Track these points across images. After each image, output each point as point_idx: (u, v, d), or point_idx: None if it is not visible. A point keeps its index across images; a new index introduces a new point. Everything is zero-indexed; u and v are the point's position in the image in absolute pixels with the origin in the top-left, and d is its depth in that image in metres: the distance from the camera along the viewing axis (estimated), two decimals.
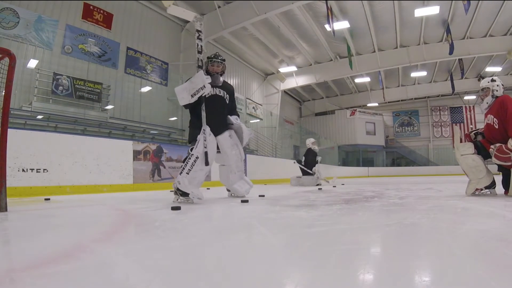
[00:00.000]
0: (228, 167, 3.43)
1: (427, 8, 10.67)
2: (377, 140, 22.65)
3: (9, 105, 2.38)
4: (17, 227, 1.76)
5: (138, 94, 9.76)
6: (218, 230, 1.63)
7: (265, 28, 12.45)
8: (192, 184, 2.88)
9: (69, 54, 8.08)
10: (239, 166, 3.45)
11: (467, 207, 2.38)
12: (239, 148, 3.42)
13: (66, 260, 1.00)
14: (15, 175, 3.78)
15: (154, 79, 10.44)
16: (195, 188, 2.90)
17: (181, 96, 2.99)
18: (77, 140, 4.76)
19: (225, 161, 3.40)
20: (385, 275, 0.84)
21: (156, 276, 0.84)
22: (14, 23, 6.99)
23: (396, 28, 12.66)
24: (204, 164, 2.98)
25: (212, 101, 3.16)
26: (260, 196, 3.56)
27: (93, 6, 8.70)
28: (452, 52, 12.54)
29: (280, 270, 0.92)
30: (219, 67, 3.29)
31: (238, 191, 3.46)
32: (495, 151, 2.94)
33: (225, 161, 3.40)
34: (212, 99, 3.17)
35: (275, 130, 16.04)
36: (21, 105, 7.01)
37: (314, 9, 11.33)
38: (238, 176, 3.47)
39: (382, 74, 17.01)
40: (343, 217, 1.95)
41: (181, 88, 3.03)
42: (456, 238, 1.33)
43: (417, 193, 3.80)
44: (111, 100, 8.89)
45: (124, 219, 2.01)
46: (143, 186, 5.37)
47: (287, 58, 15.39)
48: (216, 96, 3.25)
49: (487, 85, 3.19)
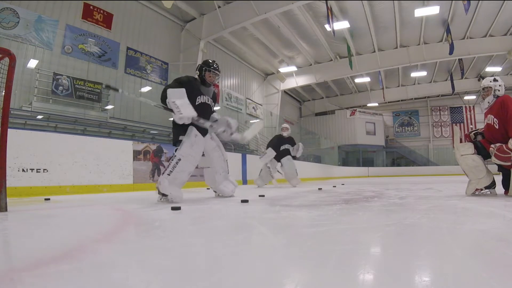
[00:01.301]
0: (212, 169, 3.48)
1: (427, 8, 10.68)
2: (377, 140, 22.65)
3: (9, 105, 2.38)
4: (17, 227, 1.76)
5: (138, 94, 9.76)
6: (218, 230, 1.63)
7: (265, 28, 12.45)
8: (172, 184, 2.94)
9: (69, 54, 8.08)
10: (223, 167, 3.51)
11: (467, 207, 2.38)
12: (221, 149, 3.50)
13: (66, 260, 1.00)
14: (15, 175, 3.78)
15: (154, 79, 10.45)
16: (175, 189, 2.96)
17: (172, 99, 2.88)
18: (77, 140, 4.76)
19: (209, 163, 3.46)
20: (385, 275, 0.84)
21: (156, 276, 0.84)
22: (14, 23, 6.99)
23: (396, 28, 12.66)
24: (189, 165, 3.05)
25: (201, 108, 3.18)
26: (260, 196, 3.56)
27: (93, 6, 8.71)
28: (452, 52, 12.55)
29: (280, 270, 0.92)
30: (214, 77, 3.31)
31: (224, 191, 3.52)
32: (495, 150, 2.94)
33: (209, 163, 3.46)
34: (201, 107, 3.20)
35: (275, 130, 16.04)
36: (21, 105, 7.02)
37: (314, 9, 11.33)
38: (223, 177, 3.53)
39: (382, 74, 17.01)
40: (343, 217, 1.95)
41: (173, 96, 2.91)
42: (456, 238, 1.33)
43: (417, 193, 3.80)
44: (111, 100, 8.90)
45: (124, 219, 2.01)
46: (143, 186, 5.37)
47: (287, 58, 15.40)
48: (205, 104, 3.30)
49: (489, 85, 3.19)
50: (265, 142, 14.39)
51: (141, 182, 5.39)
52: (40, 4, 7.48)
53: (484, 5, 11.12)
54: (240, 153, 9.08)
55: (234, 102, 14.78)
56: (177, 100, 2.86)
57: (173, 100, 2.85)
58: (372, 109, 22.56)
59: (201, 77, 3.26)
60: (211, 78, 3.27)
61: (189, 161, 3.07)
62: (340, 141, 21.69)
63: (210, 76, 3.26)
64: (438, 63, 15.96)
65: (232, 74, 14.78)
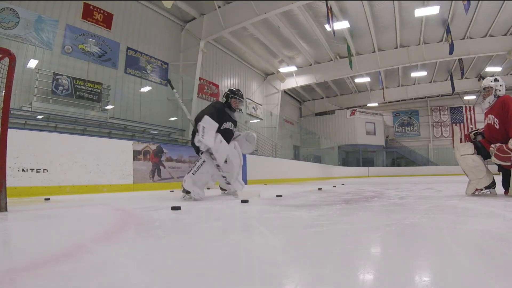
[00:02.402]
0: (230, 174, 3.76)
1: (427, 8, 10.67)
2: (377, 140, 22.65)
3: (9, 105, 2.38)
4: (17, 227, 1.76)
5: (138, 94, 9.76)
6: (218, 230, 1.63)
7: (265, 28, 12.45)
8: (196, 184, 3.30)
9: (69, 54, 8.08)
10: (239, 172, 3.86)
11: (467, 207, 2.38)
12: (241, 158, 3.85)
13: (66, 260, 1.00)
14: (15, 175, 3.78)
15: (154, 79, 10.44)
16: (198, 188, 3.31)
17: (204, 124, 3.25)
18: (77, 140, 4.75)
19: (230, 169, 3.74)
20: (385, 275, 0.84)
21: (156, 276, 0.84)
22: (14, 23, 6.99)
23: (396, 28, 12.66)
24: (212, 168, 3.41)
25: (224, 133, 3.58)
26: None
27: (93, 6, 8.70)
28: (452, 52, 12.54)
29: (280, 270, 0.92)
30: (239, 103, 3.76)
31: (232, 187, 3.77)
32: (495, 150, 2.94)
33: (230, 169, 3.74)
34: (224, 131, 3.59)
35: (275, 130, 16.05)
36: (21, 105, 7.01)
37: (314, 9, 11.33)
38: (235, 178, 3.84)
39: (382, 74, 17.00)
40: (343, 217, 1.95)
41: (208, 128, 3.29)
42: (456, 238, 1.33)
43: (417, 193, 3.80)
44: (111, 100, 8.89)
45: (124, 219, 2.01)
46: (143, 186, 5.37)
47: (287, 58, 15.39)
48: (228, 130, 3.68)
49: (490, 85, 3.18)
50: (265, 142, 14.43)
51: (141, 182, 5.39)
52: (40, 4, 7.47)
53: (484, 5, 11.11)
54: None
55: None
56: (207, 128, 3.28)
57: (204, 126, 3.26)
58: (372, 109, 22.55)
59: (228, 103, 3.70)
60: (236, 104, 3.73)
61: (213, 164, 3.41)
62: (340, 141, 21.68)
63: (236, 102, 3.72)
64: (438, 63, 15.95)
65: (232, 74, 14.77)
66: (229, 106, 3.70)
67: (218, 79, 13.68)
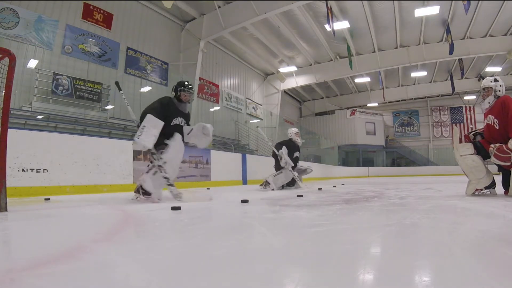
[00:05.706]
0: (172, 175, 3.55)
1: (427, 8, 10.68)
2: (377, 140, 22.66)
3: (9, 105, 2.38)
4: (17, 227, 1.76)
5: (138, 94, 9.76)
6: (218, 230, 1.63)
7: (265, 28, 12.45)
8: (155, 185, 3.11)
9: (69, 54, 8.08)
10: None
11: (467, 207, 2.38)
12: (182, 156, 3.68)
13: (66, 260, 1.00)
14: (15, 175, 3.78)
15: (154, 79, 10.44)
16: (157, 189, 3.13)
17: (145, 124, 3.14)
18: (77, 140, 4.75)
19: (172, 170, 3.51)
20: (385, 275, 0.84)
21: (156, 276, 0.84)
22: (14, 23, 6.99)
23: (396, 28, 12.66)
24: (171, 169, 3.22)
25: (175, 129, 3.44)
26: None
27: (93, 6, 8.70)
28: (452, 52, 12.55)
29: (280, 270, 0.92)
30: (189, 96, 3.56)
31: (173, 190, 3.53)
32: (495, 150, 2.93)
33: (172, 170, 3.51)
34: (174, 128, 3.46)
35: (275, 130, 16.04)
36: (21, 105, 7.01)
37: (314, 9, 11.33)
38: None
39: (382, 74, 17.01)
40: (343, 217, 1.95)
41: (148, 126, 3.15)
42: (456, 238, 1.33)
43: (417, 193, 3.80)
44: (111, 100, 8.89)
45: (124, 219, 2.01)
46: None
47: (287, 58, 15.40)
48: (178, 126, 3.53)
49: (489, 85, 3.18)
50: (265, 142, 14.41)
51: None
52: (40, 4, 7.48)
53: (484, 5, 11.11)
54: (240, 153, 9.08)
55: (234, 102, 14.78)
56: (147, 127, 3.11)
57: (144, 125, 3.11)
58: (372, 109, 22.56)
59: (177, 96, 3.52)
60: (186, 97, 3.53)
61: (172, 165, 3.26)
62: (340, 141, 21.68)
63: (186, 95, 3.52)
64: (438, 63, 15.96)
65: (232, 74, 14.78)
66: (179, 100, 3.51)
67: (218, 79, 13.69)
